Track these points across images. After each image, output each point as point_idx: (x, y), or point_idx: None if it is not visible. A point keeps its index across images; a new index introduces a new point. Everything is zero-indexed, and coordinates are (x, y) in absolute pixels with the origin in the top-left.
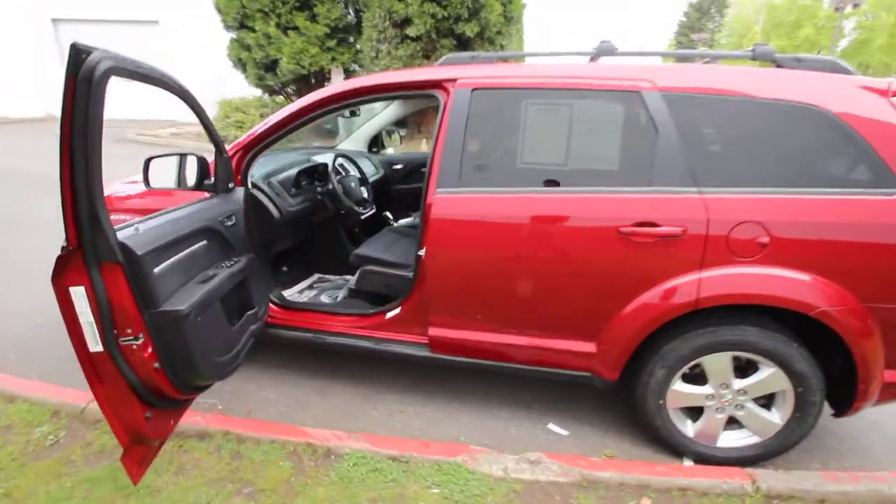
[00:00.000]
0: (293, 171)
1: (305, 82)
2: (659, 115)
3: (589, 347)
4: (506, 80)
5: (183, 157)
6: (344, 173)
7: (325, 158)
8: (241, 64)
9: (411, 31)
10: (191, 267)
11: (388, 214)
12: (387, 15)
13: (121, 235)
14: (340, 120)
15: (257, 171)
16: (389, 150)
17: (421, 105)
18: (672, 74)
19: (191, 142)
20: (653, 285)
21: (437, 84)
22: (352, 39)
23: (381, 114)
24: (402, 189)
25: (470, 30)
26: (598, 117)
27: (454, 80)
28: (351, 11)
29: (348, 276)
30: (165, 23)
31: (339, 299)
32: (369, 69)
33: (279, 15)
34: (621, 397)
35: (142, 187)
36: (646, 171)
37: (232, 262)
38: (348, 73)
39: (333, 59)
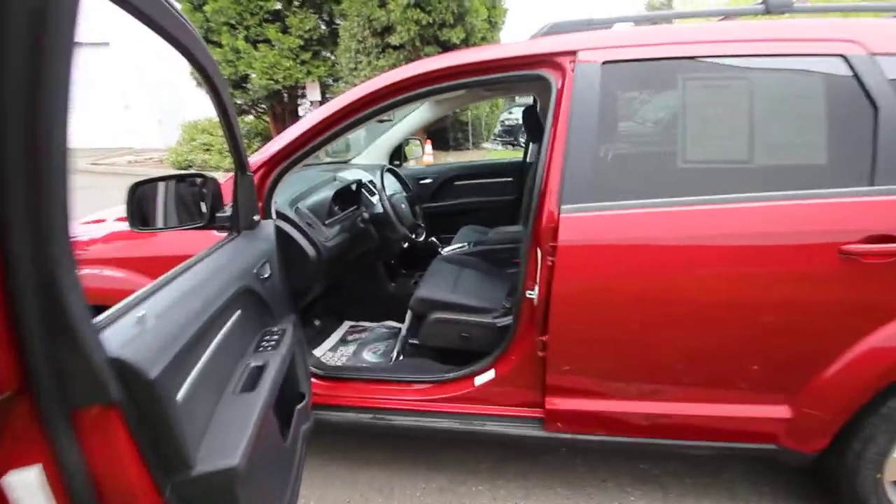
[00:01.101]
0: (326, 194)
1: (278, 99)
2: (877, 87)
3: (779, 412)
4: (651, 49)
5: (185, 180)
6: (389, 192)
7: (354, 174)
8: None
9: (394, 40)
10: (224, 365)
11: (435, 240)
12: (366, 23)
13: (115, 338)
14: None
15: (279, 196)
16: (412, 164)
17: (452, 108)
18: (887, 33)
19: (154, 170)
20: (891, 321)
21: (547, 60)
22: (327, 52)
23: (404, 121)
24: (434, 208)
25: (456, 36)
26: (791, 94)
27: (572, 54)
28: (322, 24)
29: (392, 323)
30: (118, 44)
31: (395, 358)
32: (349, 82)
33: (247, 27)
34: (804, 471)
35: (110, 229)
36: (866, 164)
37: (276, 337)
38: (325, 88)
39: (309, 72)
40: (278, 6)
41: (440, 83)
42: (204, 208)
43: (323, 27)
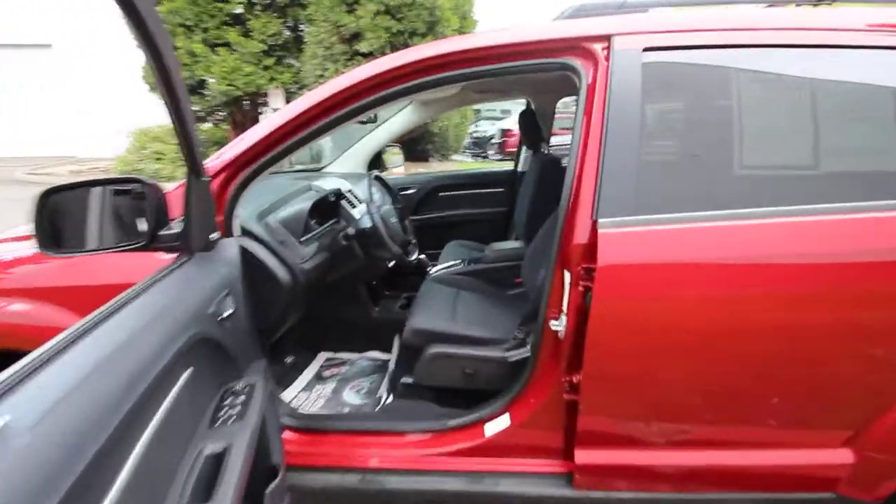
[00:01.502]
0: (301, 205)
1: (238, 106)
2: None
3: (840, 457)
4: (702, 35)
5: (112, 185)
6: (378, 203)
7: (332, 183)
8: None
9: (363, 47)
10: (164, 462)
11: (424, 258)
12: (334, 29)
13: None
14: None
15: (244, 208)
16: (395, 172)
17: (437, 112)
18: None
19: None
20: None
21: (574, 46)
22: (292, 59)
23: (383, 126)
24: (418, 221)
25: None
26: (865, 86)
27: (606, 39)
28: (287, 30)
29: (376, 354)
30: (61, 46)
31: (383, 399)
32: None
33: (205, 30)
34: None
35: (23, 252)
36: None
37: (242, 399)
38: (289, 96)
39: (272, 79)
40: (239, 10)
41: (440, 73)
42: (143, 224)
43: (287, 32)
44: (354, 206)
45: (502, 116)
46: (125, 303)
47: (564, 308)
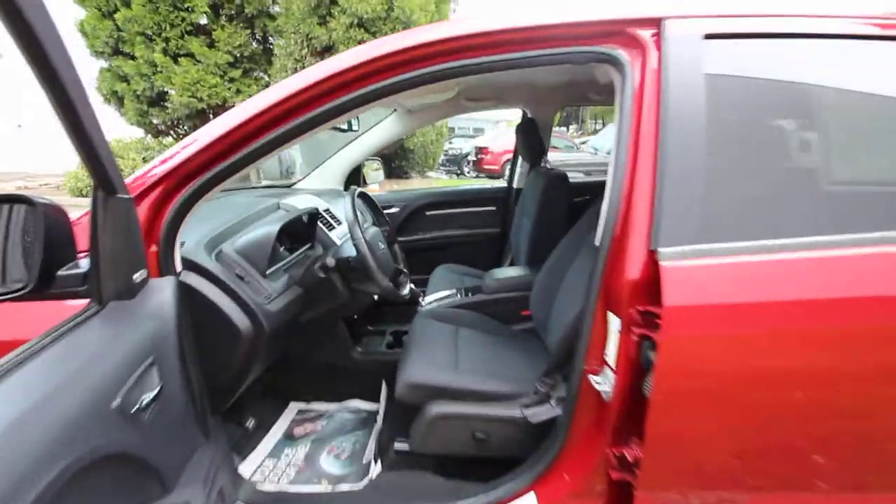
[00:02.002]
0: (267, 229)
1: (202, 119)
2: None
3: None
4: (776, 21)
5: None
6: (362, 224)
7: (305, 201)
8: (116, 98)
9: None
10: None
11: (413, 287)
12: (305, 42)
13: None
14: (298, 148)
15: (190, 235)
16: (376, 188)
17: (423, 123)
18: None
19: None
20: None
21: (617, 32)
22: (260, 71)
23: (362, 138)
24: (403, 244)
25: None
26: None
27: (655, 24)
28: (254, 42)
29: (357, 404)
30: (11, 56)
31: (371, 466)
32: None
33: (167, 40)
34: None
35: None
36: None
37: None
38: None
39: (238, 91)
40: (204, 20)
41: (445, 62)
42: (31, 260)
43: (255, 44)
44: (333, 228)
45: (475, 134)
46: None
47: (610, 361)
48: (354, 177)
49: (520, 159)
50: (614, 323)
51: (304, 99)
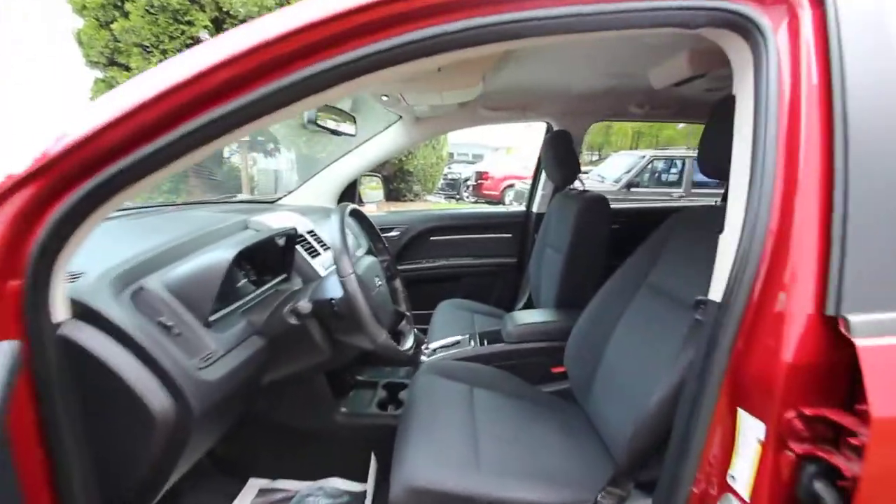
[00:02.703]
0: (218, 256)
1: None
2: None
3: None
4: None
5: None
6: (353, 253)
7: (282, 220)
8: None
9: None
10: None
11: (417, 332)
12: None
13: None
14: (284, 159)
15: (94, 263)
16: (373, 208)
17: (433, 134)
18: None
19: None
20: None
21: None
22: None
23: (359, 150)
24: (404, 273)
25: None
26: None
27: None
28: None
29: (338, 484)
30: None
31: None
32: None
33: (164, 52)
34: None
35: None
36: None
37: None
38: None
39: None
40: (205, 33)
41: (487, 13)
42: None
43: None
44: (317, 255)
45: (474, 160)
46: None
47: (741, 487)
48: (350, 194)
49: (541, 181)
50: (750, 429)
51: (276, 57)
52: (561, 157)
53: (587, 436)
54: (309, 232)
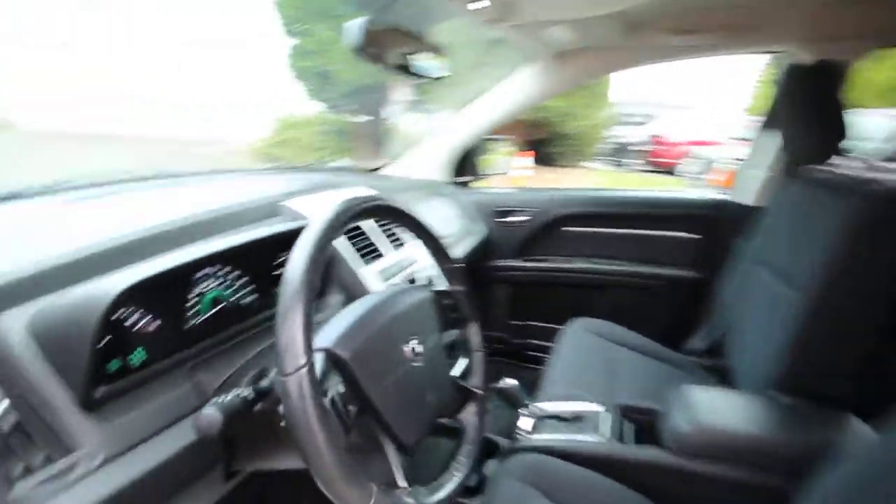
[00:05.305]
0: (104, 289)
1: (371, 95)
2: None
3: None
4: None
5: None
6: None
7: (294, 205)
8: (303, 75)
9: None
10: None
11: (509, 383)
12: None
13: None
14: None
15: None
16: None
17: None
18: None
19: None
20: None
21: None
22: None
23: (476, 105)
24: (518, 273)
25: None
26: None
27: None
28: None
29: None
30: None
31: None
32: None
33: (338, 17)
34: None
35: None
36: None
37: None
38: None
39: None
40: None
41: None
42: None
43: None
44: (376, 256)
45: (644, 121)
46: None
47: None
48: (467, 165)
49: (756, 151)
50: None
51: None
52: (814, 111)
53: None
54: (381, 223)
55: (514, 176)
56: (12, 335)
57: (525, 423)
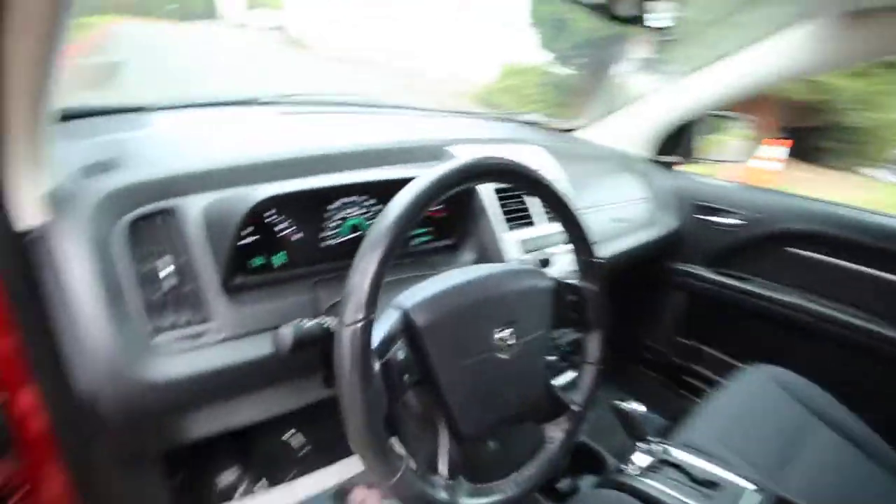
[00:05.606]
0: (252, 193)
1: (603, 49)
2: None
3: None
4: None
5: None
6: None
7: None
8: (540, 21)
9: None
10: None
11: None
12: None
13: None
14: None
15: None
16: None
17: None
18: None
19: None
20: None
21: None
22: None
23: (714, 69)
24: (712, 288)
25: None
26: None
27: None
28: None
29: None
30: None
31: None
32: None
33: None
34: None
35: None
36: None
37: None
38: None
39: None
40: None
41: None
42: None
43: None
44: (521, 224)
45: None
46: None
47: None
48: (680, 141)
49: None
50: None
51: None
52: None
53: None
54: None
55: (753, 167)
56: (192, 216)
57: (641, 459)
